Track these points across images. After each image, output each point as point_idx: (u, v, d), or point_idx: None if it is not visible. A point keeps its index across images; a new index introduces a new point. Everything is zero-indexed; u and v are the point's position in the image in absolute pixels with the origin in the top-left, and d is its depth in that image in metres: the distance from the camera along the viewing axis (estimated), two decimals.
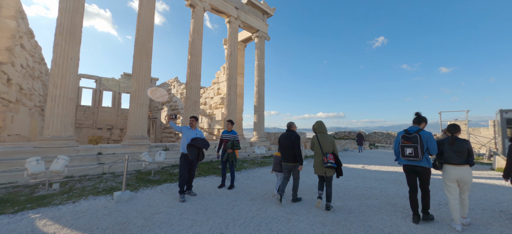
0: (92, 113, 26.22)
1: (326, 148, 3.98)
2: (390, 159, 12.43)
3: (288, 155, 4.20)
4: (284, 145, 4.25)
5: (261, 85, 13.05)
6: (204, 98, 18.43)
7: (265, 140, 12.77)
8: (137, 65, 8.19)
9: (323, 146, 3.99)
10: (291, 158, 4.18)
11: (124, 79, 29.01)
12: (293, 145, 4.15)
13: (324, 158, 3.88)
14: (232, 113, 11.30)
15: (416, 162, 3.42)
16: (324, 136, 4.09)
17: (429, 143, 3.44)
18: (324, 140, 4.04)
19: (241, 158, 10.16)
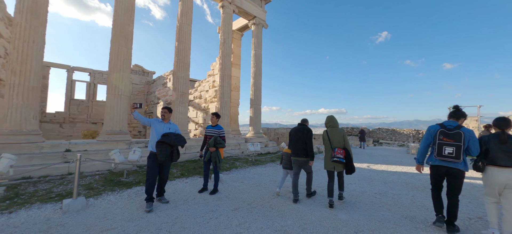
0: (86, 107, 25.47)
1: (336, 143, 3.86)
2: (397, 157, 11.49)
3: (299, 149, 4.04)
4: (295, 139, 4.10)
5: (258, 76, 12.08)
6: (200, 92, 17.49)
7: (262, 136, 11.87)
8: (115, 50, 7.26)
9: (332, 140, 3.89)
10: (302, 153, 4.01)
11: None
12: (305, 139, 4.01)
13: (332, 152, 3.79)
14: (226, 106, 10.38)
15: (454, 164, 2.89)
16: (334, 130, 3.96)
17: (470, 143, 2.85)
18: (333, 134, 3.92)
19: (234, 156, 9.29)
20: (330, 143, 3.91)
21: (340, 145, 3.86)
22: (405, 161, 10.23)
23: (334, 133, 3.94)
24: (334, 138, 3.90)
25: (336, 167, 3.86)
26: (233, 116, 13.66)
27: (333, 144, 3.88)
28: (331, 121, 4.12)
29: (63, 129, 25.27)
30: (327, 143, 3.98)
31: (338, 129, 4.02)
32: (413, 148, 13.13)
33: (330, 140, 3.92)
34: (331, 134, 3.95)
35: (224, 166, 7.34)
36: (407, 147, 17.10)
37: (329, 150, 3.92)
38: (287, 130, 29.19)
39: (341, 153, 3.76)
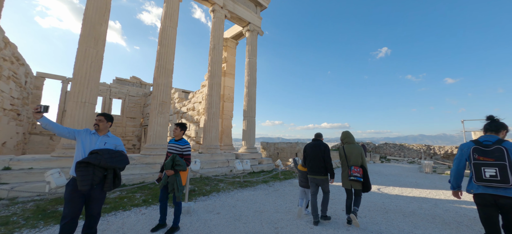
0: None
1: (352, 160, 3.72)
2: (410, 177, 10.04)
3: (316, 167, 3.86)
4: (312, 156, 3.93)
5: (252, 86, 11.05)
6: (193, 103, 16.51)
7: (256, 151, 10.61)
8: (82, 51, 6.33)
9: (349, 158, 3.76)
10: (320, 171, 3.84)
11: (116, 84, 27.63)
12: (323, 156, 3.86)
13: (349, 170, 3.67)
14: (214, 118, 9.25)
15: (503, 191, 2.18)
16: (351, 147, 3.82)
17: None
18: (350, 151, 3.79)
19: (220, 176, 8.00)
20: (347, 160, 3.73)
21: (357, 163, 3.69)
22: (421, 182, 8.79)
23: (352, 150, 3.76)
24: (351, 155, 3.73)
25: (353, 185, 3.69)
26: (225, 129, 12.51)
27: (350, 162, 3.71)
28: (348, 137, 3.94)
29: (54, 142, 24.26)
30: (344, 160, 3.81)
31: (355, 145, 3.82)
32: (427, 166, 11.66)
33: (347, 157, 3.75)
34: (348, 151, 3.78)
35: (203, 190, 6.06)
36: (419, 165, 15.56)
37: (346, 168, 3.76)
38: (288, 144, 27.78)
39: (358, 171, 3.60)
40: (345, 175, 3.79)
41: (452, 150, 16.80)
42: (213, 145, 8.98)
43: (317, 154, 3.86)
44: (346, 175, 3.76)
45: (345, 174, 3.77)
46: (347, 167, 3.74)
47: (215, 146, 9.02)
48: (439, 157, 16.76)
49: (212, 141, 9.00)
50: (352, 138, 3.96)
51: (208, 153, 8.75)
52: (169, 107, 7.96)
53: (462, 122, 16.18)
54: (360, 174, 3.59)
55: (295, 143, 26.87)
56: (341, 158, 3.89)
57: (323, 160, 3.84)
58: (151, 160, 6.99)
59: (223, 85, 12.85)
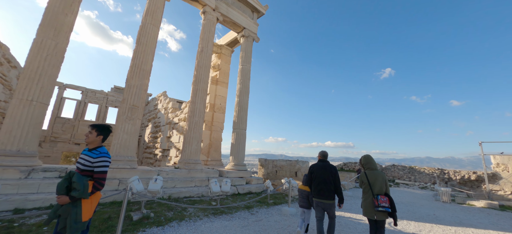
0: (71, 126, 23.85)
1: (377, 188, 3.40)
2: (426, 206, 8.44)
3: (325, 190, 3.63)
4: (321, 179, 3.69)
5: (244, 95, 9.98)
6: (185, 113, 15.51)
7: (245, 169, 9.27)
8: (38, 41, 5.42)
9: (374, 186, 3.42)
10: (329, 195, 3.61)
11: (114, 92, 27.15)
12: (334, 179, 3.68)
13: (375, 200, 3.30)
14: (196, 128, 8.09)
15: None
16: (375, 174, 3.49)
17: None
18: (374, 178, 3.46)
19: (195, 197, 6.66)
20: (371, 188, 3.45)
21: (381, 191, 3.42)
22: (441, 215, 7.21)
23: (376, 177, 3.48)
24: (375, 184, 3.44)
25: (377, 216, 3.34)
26: (214, 142, 11.29)
27: (375, 190, 3.43)
28: (369, 163, 3.63)
29: (42, 149, 23.25)
30: (367, 187, 3.51)
31: (379, 173, 3.53)
32: (445, 194, 10.01)
33: (371, 184, 3.46)
34: (372, 178, 3.49)
35: (162, 217, 4.74)
36: (433, 191, 13.75)
37: (369, 196, 3.46)
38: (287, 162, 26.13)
39: (386, 201, 3.30)
40: (369, 204, 3.42)
41: (470, 176, 14.98)
42: (192, 160, 7.73)
43: (327, 177, 3.64)
44: (370, 204, 3.41)
45: (369, 203, 3.43)
46: (371, 195, 3.41)
47: (195, 160, 7.76)
48: (455, 183, 14.95)
49: (191, 155, 7.77)
50: (374, 163, 3.61)
51: (185, 169, 7.49)
52: (141, 113, 6.89)
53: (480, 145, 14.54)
54: (388, 204, 3.29)
55: (295, 161, 25.21)
56: (364, 186, 3.55)
57: (332, 183, 3.65)
58: (109, 175, 5.79)
59: (215, 94, 11.85)
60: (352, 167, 20.45)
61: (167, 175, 6.93)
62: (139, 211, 4.69)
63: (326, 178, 3.66)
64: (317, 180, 3.72)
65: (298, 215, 5.91)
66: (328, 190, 3.62)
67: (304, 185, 4.33)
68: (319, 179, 3.70)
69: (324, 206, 3.66)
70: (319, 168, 3.76)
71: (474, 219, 7.01)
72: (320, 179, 3.69)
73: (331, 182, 3.65)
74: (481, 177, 14.70)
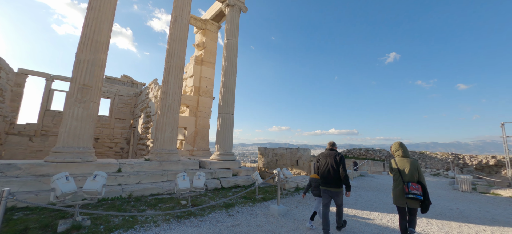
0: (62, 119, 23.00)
1: (408, 176, 3.27)
2: (443, 197, 7.15)
3: (330, 178, 3.60)
4: (326, 167, 3.67)
5: (230, 74, 8.58)
6: None
7: (233, 159, 8.05)
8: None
9: (404, 173, 3.31)
10: (335, 182, 3.57)
11: (105, 83, 26.03)
12: (338, 166, 3.58)
13: (406, 187, 3.20)
14: (170, 112, 6.79)
15: None
16: (406, 161, 3.38)
17: None
18: (405, 165, 3.34)
19: (165, 194, 5.49)
20: (402, 175, 3.30)
21: (413, 179, 3.24)
22: (466, 209, 5.91)
23: (407, 164, 3.31)
24: (406, 171, 3.28)
25: (410, 204, 3.19)
26: (200, 129, 10.05)
27: (405, 177, 3.27)
28: (401, 149, 3.49)
29: (33, 143, 22.45)
30: (397, 175, 3.38)
31: (411, 160, 3.35)
32: (465, 183, 8.68)
33: (401, 171, 3.32)
34: (402, 165, 3.35)
35: (101, 227, 3.55)
36: (447, 178, 12.38)
37: (400, 183, 3.30)
38: (288, 150, 24.97)
39: (417, 188, 3.14)
40: (399, 192, 3.31)
41: (488, 161, 13.54)
42: (166, 150, 6.51)
43: (332, 165, 3.60)
44: (400, 192, 3.29)
45: (399, 191, 3.31)
46: (402, 182, 3.29)
47: (169, 150, 6.54)
48: (472, 168, 13.56)
49: (164, 144, 6.55)
50: (406, 150, 3.52)
51: (156, 161, 6.30)
52: (96, 95, 5.62)
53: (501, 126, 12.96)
54: (420, 191, 3.12)
55: (295, 149, 23.97)
56: (394, 173, 3.46)
57: (337, 171, 3.58)
58: (52, 170, 4.62)
59: (200, 76, 10.48)
60: (356, 154, 19.16)
61: (131, 168, 5.76)
62: (71, 218, 3.52)
63: (331, 165, 3.60)
64: (323, 168, 3.71)
65: (289, 216, 4.72)
66: (333, 178, 3.57)
67: (315, 174, 4.21)
68: (324, 167, 3.68)
69: (330, 194, 3.62)
70: (325, 157, 3.74)
71: (508, 214, 5.70)
72: (325, 167, 3.67)
73: (335, 170, 3.57)
74: (501, 162, 13.25)
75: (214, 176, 6.93)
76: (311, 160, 21.74)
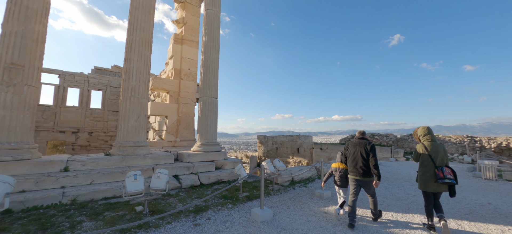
0: (53, 114, 22.10)
1: (439, 160, 3.29)
2: (466, 188, 5.97)
3: (360, 167, 3.53)
4: (356, 155, 3.60)
5: (212, 51, 7.28)
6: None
7: (217, 150, 6.93)
8: None
9: (435, 157, 3.30)
10: (365, 172, 3.50)
11: (95, 74, 24.84)
12: (368, 155, 3.51)
13: (439, 172, 3.19)
14: (135, 96, 5.61)
15: None
16: (435, 145, 3.37)
17: None
18: (436, 150, 3.34)
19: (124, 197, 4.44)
20: (433, 160, 3.28)
21: (443, 164, 3.29)
22: (500, 203, 4.71)
23: (437, 149, 3.33)
24: (437, 155, 3.30)
25: (440, 188, 3.23)
26: (184, 118, 8.91)
27: (437, 162, 3.27)
28: (429, 134, 3.48)
29: None
30: (427, 160, 3.33)
31: (439, 144, 3.40)
32: (490, 169, 7.43)
33: (432, 156, 3.30)
34: (432, 150, 3.33)
35: None
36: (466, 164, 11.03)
37: (430, 168, 3.28)
38: (288, 138, 23.86)
39: (450, 173, 3.19)
40: (429, 177, 3.27)
41: (509, 143, 12.19)
42: (131, 142, 5.40)
43: (362, 153, 3.52)
44: (431, 177, 3.26)
45: (429, 176, 3.28)
46: (433, 167, 3.26)
47: (135, 142, 5.43)
48: (490, 152, 12.25)
49: (129, 135, 5.43)
50: (433, 135, 3.48)
51: (117, 155, 5.20)
52: (32, 77, 4.45)
53: None
54: (452, 175, 3.17)
55: (296, 136, 22.82)
56: (424, 158, 3.37)
57: (368, 160, 3.50)
58: None
59: (181, 57, 9.19)
60: None
61: (82, 166, 4.68)
62: None
63: (361, 154, 3.54)
64: (352, 157, 3.64)
65: (275, 223, 3.62)
66: (362, 167, 3.51)
67: (340, 163, 4.04)
68: (354, 155, 3.62)
69: (360, 183, 3.57)
70: (355, 145, 3.65)
71: None
72: (355, 155, 3.60)
73: (366, 159, 3.51)
74: None
75: (192, 171, 5.84)
76: (313, 147, 20.65)
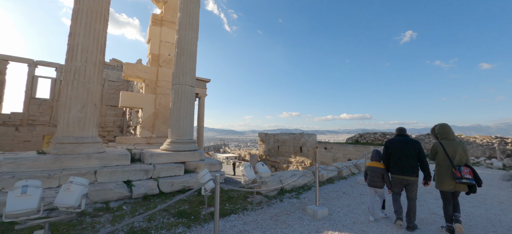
0: (49, 108, 21.74)
1: (458, 159, 3.20)
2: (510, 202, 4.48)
3: (407, 166, 3.36)
4: (402, 153, 3.42)
5: (187, 29, 6.01)
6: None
7: (192, 149, 5.69)
8: None
9: (453, 156, 3.21)
10: (413, 171, 3.33)
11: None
12: (418, 154, 3.36)
13: (457, 171, 3.09)
14: (81, 80, 4.44)
15: None
16: (453, 144, 3.29)
17: None
18: (453, 148, 3.24)
19: (43, 211, 3.30)
20: (450, 159, 3.20)
21: (462, 163, 3.18)
22: None
23: (454, 147, 3.24)
24: (455, 154, 3.20)
25: (458, 188, 3.15)
26: (161, 110, 7.74)
27: (455, 161, 3.18)
28: (447, 132, 3.41)
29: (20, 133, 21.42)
30: (444, 158, 3.26)
31: (458, 142, 3.29)
32: None
33: (449, 154, 3.22)
34: (449, 148, 3.25)
35: None
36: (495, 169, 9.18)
37: (448, 168, 3.21)
38: (290, 136, 22.32)
39: (469, 172, 3.06)
40: (446, 177, 3.20)
41: None
42: (72, 137, 4.23)
43: (410, 152, 3.36)
44: (447, 177, 3.19)
45: (446, 175, 3.20)
46: (451, 166, 3.18)
47: (78, 138, 4.27)
48: None
49: (69, 129, 4.27)
50: (452, 132, 3.40)
51: (52, 154, 4.06)
52: None
53: None
54: (471, 175, 3.04)
55: (299, 134, 21.29)
56: (440, 156, 3.30)
57: (417, 159, 3.36)
58: None
59: (159, 40, 7.99)
60: (369, 139, 16.29)
61: None
62: None
63: (408, 152, 3.37)
64: (397, 156, 3.46)
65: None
66: (410, 166, 3.33)
67: (376, 162, 3.76)
68: (399, 154, 3.42)
69: (405, 183, 3.39)
70: (399, 143, 3.48)
71: None
72: (401, 154, 3.41)
73: (413, 157, 3.35)
74: None
75: (152, 175, 4.62)
76: (317, 146, 19.09)
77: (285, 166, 20.71)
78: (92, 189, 3.77)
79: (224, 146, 61.04)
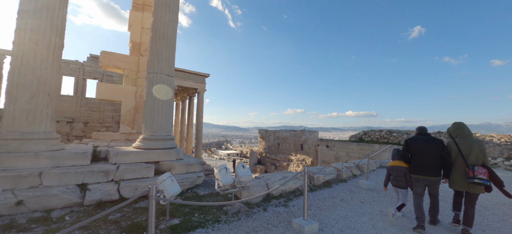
0: None
1: (472, 159, 3.04)
2: None
3: (430, 166, 3.25)
4: (424, 153, 3.29)
5: (164, 10, 5.27)
6: None
7: (167, 146, 5.03)
8: None
9: (468, 155, 3.07)
10: (435, 171, 3.24)
11: (90, 62, 23.88)
12: (442, 153, 3.24)
13: (470, 171, 2.94)
14: (31, 67, 3.80)
15: None
16: (468, 142, 3.14)
17: None
18: (468, 146, 3.10)
19: None
20: (464, 157, 3.08)
21: (478, 162, 3.02)
22: None
23: (469, 146, 3.10)
24: (470, 153, 3.07)
25: (471, 189, 2.99)
26: (141, 104, 7.08)
27: (469, 160, 3.04)
28: (461, 130, 3.31)
29: None
30: (458, 157, 3.16)
31: (474, 141, 3.14)
32: None
33: (463, 153, 3.10)
34: (464, 146, 3.13)
35: None
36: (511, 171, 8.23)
37: (462, 166, 3.10)
38: (291, 133, 21.49)
39: (484, 173, 2.87)
40: (459, 175, 3.11)
41: None
42: (18, 132, 3.59)
43: (434, 151, 3.24)
44: (461, 175, 3.09)
45: (460, 175, 3.11)
46: (464, 165, 3.06)
47: (25, 133, 3.63)
48: None
49: (15, 123, 3.64)
50: (467, 130, 3.27)
51: None
52: None
53: None
54: (486, 176, 2.86)
55: (300, 131, 20.44)
56: (452, 155, 3.22)
57: (441, 158, 3.24)
58: None
59: (141, 27, 7.29)
60: (375, 137, 15.33)
61: None
62: None
63: (432, 152, 3.26)
64: (420, 155, 3.33)
65: None
66: (433, 166, 3.23)
67: (398, 161, 3.65)
68: (422, 153, 3.31)
69: (427, 183, 3.29)
70: (421, 142, 3.36)
71: None
72: (423, 153, 3.30)
73: (437, 157, 3.23)
74: None
75: (113, 177, 3.96)
76: (318, 144, 18.22)
77: (286, 165, 19.94)
78: (31, 195, 3.13)
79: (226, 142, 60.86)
